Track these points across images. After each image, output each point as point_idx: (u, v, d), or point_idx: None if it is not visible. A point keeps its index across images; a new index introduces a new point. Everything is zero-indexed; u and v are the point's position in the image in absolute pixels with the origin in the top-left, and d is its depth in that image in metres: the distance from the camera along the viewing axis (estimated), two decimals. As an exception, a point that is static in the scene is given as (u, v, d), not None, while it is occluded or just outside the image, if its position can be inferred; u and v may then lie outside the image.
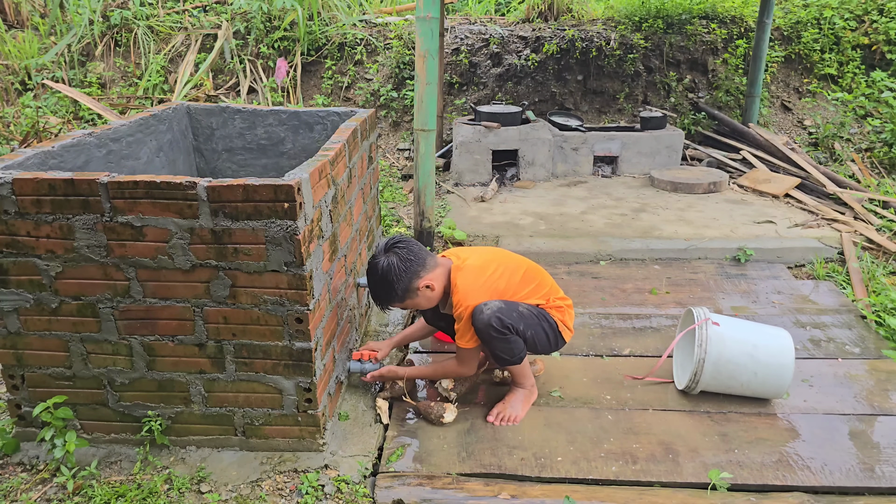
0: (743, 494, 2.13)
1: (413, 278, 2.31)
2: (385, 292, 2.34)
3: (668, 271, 3.91)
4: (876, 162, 5.72)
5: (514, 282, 2.44)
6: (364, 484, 2.18)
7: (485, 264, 2.42)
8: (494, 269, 2.42)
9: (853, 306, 3.40)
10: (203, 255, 2.02)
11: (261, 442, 2.29)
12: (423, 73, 3.35)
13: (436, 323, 2.71)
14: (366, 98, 6.24)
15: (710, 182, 5.17)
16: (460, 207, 4.82)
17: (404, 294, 2.33)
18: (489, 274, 2.39)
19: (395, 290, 2.31)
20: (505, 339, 2.32)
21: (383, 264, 2.29)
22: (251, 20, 6.45)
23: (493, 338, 2.30)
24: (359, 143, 2.91)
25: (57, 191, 1.96)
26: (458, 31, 6.54)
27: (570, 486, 2.18)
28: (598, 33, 6.41)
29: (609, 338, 3.12)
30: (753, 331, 2.57)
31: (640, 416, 2.53)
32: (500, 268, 2.44)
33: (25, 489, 2.13)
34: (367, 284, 2.39)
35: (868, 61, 6.52)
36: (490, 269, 2.41)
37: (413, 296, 2.35)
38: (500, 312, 2.29)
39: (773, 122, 6.36)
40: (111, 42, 6.50)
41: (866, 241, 4.13)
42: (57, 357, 2.19)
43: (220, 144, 3.37)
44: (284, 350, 2.14)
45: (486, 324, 2.28)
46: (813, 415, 2.53)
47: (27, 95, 5.99)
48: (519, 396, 2.54)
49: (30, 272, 2.07)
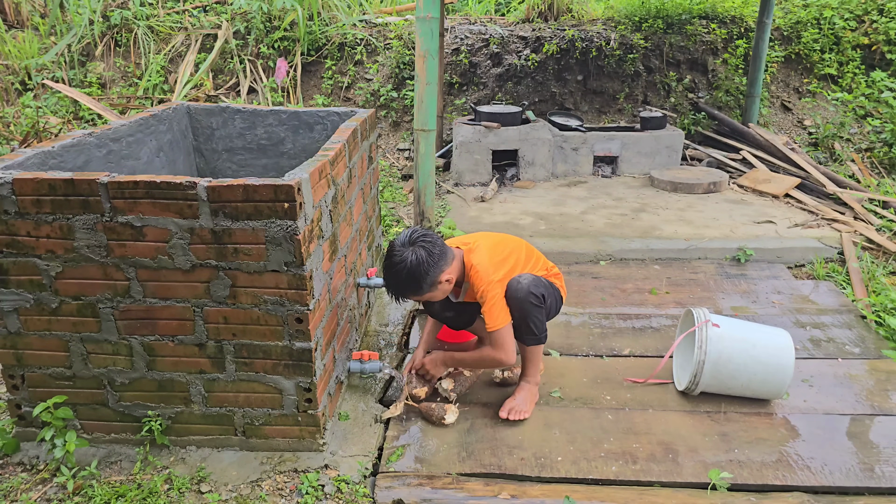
0: (743, 494, 2.13)
1: (438, 273, 2.31)
2: (408, 287, 2.31)
3: (668, 271, 3.91)
4: (876, 162, 5.72)
5: (521, 258, 2.54)
6: (364, 484, 2.18)
7: (493, 244, 2.49)
8: (503, 248, 2.51)
9: (853, 306, 3.40)
10: (203, 255, 2.02)
11: (261, 442, 2.29)
12: (423, 73, 3.35)
13: (442, 315, 2.69)
14: (366, 98, 6.24)
15: (710, 182, 5.17)
16: (460, 207, 4.82)
17: (429, 287, 2.32)
18: (500, 251, 2.47)
19: (423, 284, 2.29)
20: (541, 310, 2.43)
21: (412, 258, 2.25)
22: (251, 20, 6.45)
23: (533, 307, 2.39)
24: (359, 143, 2.91)
25: (57, 191, 1.96)
26: (458, 31, 6.54)
27: (570, 485, 2.18)
28: (598, 33, 6.41)
29: (609, 338, 3.12)
30: (753, 331, 2.57)
31: (640, 416, 2.53)
32: (507, 246, 2.54)
33: (25, 489, 2.13)
34: (387, 276, 2.34)
35: (868, 61, 6.52)
36: (500, 248, 2.50)
37: (434, 289, 2.35)
38: (535, 282, 2.41)
39: (773, 122, 6.36)
40: (111, 42, 6.50)
41: (866, 241, 4.13)
42: (57, 357, 2.19)
43: (220, 144, 3.37)
44: (284, 350, 2.14)
45: (526, 292, 2.37)
46: (813, 415, 2.53)
47: (27, 95, 5.99)
48: (528, 391, 2.57)
49: (30, 272, 2.07)
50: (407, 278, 2.28)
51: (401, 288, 2.34)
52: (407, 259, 2.26)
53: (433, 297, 2.41)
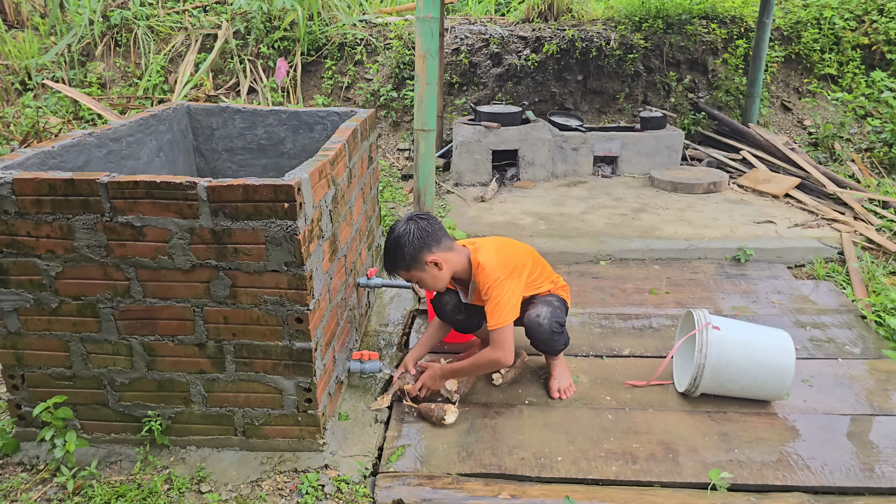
0: (743, 494, 2.13)
1: (423, 250, 2.35)
2: (394, 257, 2.38)
3: (668, 271, 3.91)
4: (876, 162, 5.72)
5: (528, 263, 2.57)
6: (364, 484, 2.18)
7: (501, 244, 2.55)
8: (510, 248, 2.56)
9: (853, 306, 3.40)
10: (203, 255, 2.02)
11: (261, 442, 2.29)
12: (423, 73, 3.35)
13: (453, 317, 2.67)
14: (366, 98, 6.24)
15: (710, 182, 5.17)
16: (460, 207, 4.82)
17: (411, 262, 2.36)
18: (507, 251, 2.51)
19: (404, 255, 2.35)
20: (563, 333, 2.61)
21: (400, 229, 2.36)
22: (251, 20, 6.45)
23: (557, 335, 2.57)
24: (359, 144, 2.91)
25: (57, 191, 1.96)
26: (458, 31, 6.54)
27: (570, 485, 2.18)
28: (598, 33, 6.41)
29: (609, 338, 3.12)
30: (754, 333, 2.56)
31: (640, 415, 2.53)
32: (515, 248, 2.58)
33: (25, 489, 2.13)
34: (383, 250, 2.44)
35: (868, 61, 6.52)
36: (507, 248, 2.54)
37: (419, 268, 2.37)
38: (552, 314, 2.55)
39: (773, 122, 6.36)
40: (111, 42, 6.50)
41: (866, 241, 4.13)
42: (57, 357, 2.19)
43: (220, 144, 3.37)
44: (284, 350, 2.14)
45: (549, 331, 2.54)
46: (813, 415, 2.53)
47: (27, 95, 5.99)
48: (563, 364, 2.73)
49: (30, 272, 2.07)
50: (394, 248, 2.36)
51: (388, 258, 2.41)
52: (397, 228, 2.37)
53: (422, 281, 2.43)
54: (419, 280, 2.43)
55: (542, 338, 2.55)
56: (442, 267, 2.38)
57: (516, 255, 2.52)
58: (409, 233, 2.34)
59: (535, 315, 2.54)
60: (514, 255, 2.51)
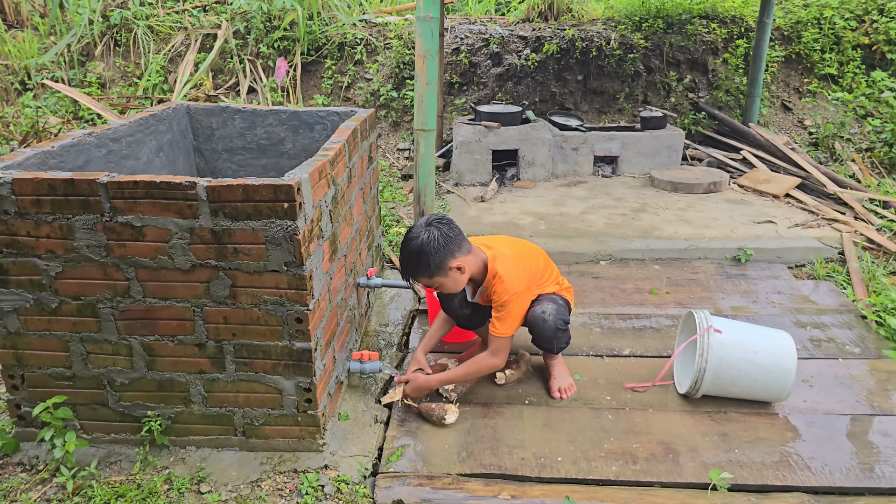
0: (743, 494, 2.13)
1: (448, 256, 2.32)
2: (417, 264, 2.33)
3: (668, 271, 3.91)
4: (876, 162, 5.71)
5: (540, 266, 2.60)
6: (364, 484, 2.18)
7: (517, 254, 2.53)
8: (526, 258, 2.55)
9: (853, 306, 3.40)
10: (203, 255, 2.02)
11: (261, 442, 2.29)
12: (423, 73, 3.34)
13: (459, 312, 2.66)
14: (366, 98, 6.24)
15: (710, 182, 5.17)
16: (460, 207, 4.82)
17: (436, 270, 2.32)
18: (523, 261, 2.52)
19: (430, 263, 2.30)
20: (566, 331, 2.61)
21: (424, 236, 2.30)
22: (251, 20, 6.45)
23: (561, 332, 2.57)
24: (359, 143, 2.90)
25: (57, 191, 1.96)
26: (458, 31, 6.54)
27: (570, 486, 2.17)
28: (598, 33, 6.41)
29: (609, 338, 3.12)
30: (755, 336, 2.55)
31: (640, 416, 2.53)
32: (529, 254, 2.59)
33: (25, 489, 2.13)
34: (401, 255, 2.38)
35: (868, 61, 6.51)
36: (523, 257, 2.54)
37: (443, 274, 2.34)
38: (557, 312, 2.55)
39: (773, 122, 6.36)
40: (111, 42, 6.50)
41: (866, 241, 4.13)
42: (57, 357, 2.19)
43: (220, 144, 3.37)
44: (284, 350, 2.14)
45: (554, 329, 2.54)
46: (813, 415, 2.53)
47: (27, 95, 5.99)
48: (562, 365, 2.73)
49: (30, 272, 2.07)
50: (417, 255, 2.30)
51: (411, 266, 2.35)
52: (420, 236, 2.30)
53: (442, 286, 2.39)
54: (440, 285, 2.40)
55: (546, 335, 2.55)
56: (464, 271, 2.37)
57: (530, 260, 2.55)
58: (433, 239, 2.29)
59: (541, 311, 2.54)
60: (529, 262, 2.54)
